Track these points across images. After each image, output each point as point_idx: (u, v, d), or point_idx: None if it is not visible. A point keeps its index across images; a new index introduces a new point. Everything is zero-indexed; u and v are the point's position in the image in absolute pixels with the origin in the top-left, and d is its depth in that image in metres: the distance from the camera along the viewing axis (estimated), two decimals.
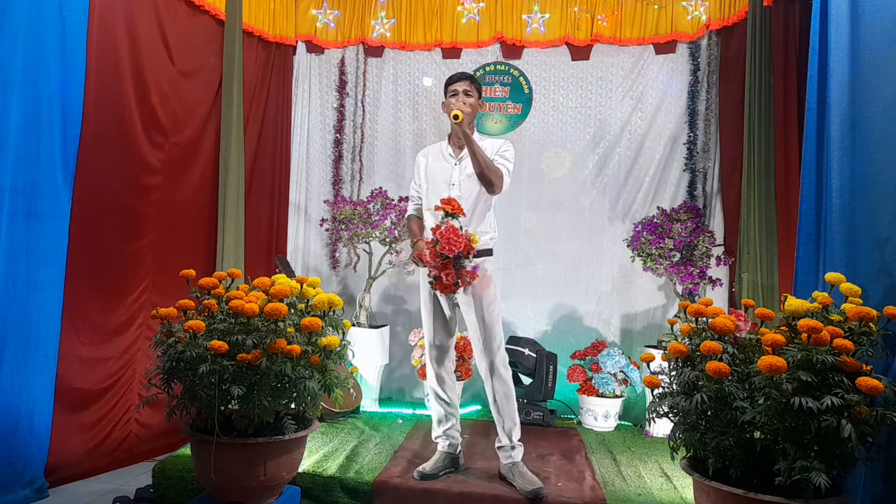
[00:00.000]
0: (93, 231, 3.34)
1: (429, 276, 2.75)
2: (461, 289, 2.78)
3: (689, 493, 2.82)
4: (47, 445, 3.06)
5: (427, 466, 3.02)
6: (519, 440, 3.03)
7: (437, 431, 3.16)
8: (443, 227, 2.69)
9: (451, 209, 2.73)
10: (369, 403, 4.36)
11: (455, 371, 4.20)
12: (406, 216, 3.34)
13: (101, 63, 3.35)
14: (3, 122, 2.82)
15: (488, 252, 3.08)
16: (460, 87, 3.04)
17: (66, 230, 3.14)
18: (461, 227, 2.71)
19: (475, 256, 2.82)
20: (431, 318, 3.11)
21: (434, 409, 3.18)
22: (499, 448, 3.04)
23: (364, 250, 4.62)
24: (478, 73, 4.77)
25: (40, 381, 3.03)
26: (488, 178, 2.91)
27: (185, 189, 4.00)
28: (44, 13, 2.97)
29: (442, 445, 3.13)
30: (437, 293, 2.90)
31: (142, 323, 3.67)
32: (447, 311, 3.09)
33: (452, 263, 2.67)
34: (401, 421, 4.06)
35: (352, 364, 4.08)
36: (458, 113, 2.84)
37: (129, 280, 3.61)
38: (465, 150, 2.99)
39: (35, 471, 3.00)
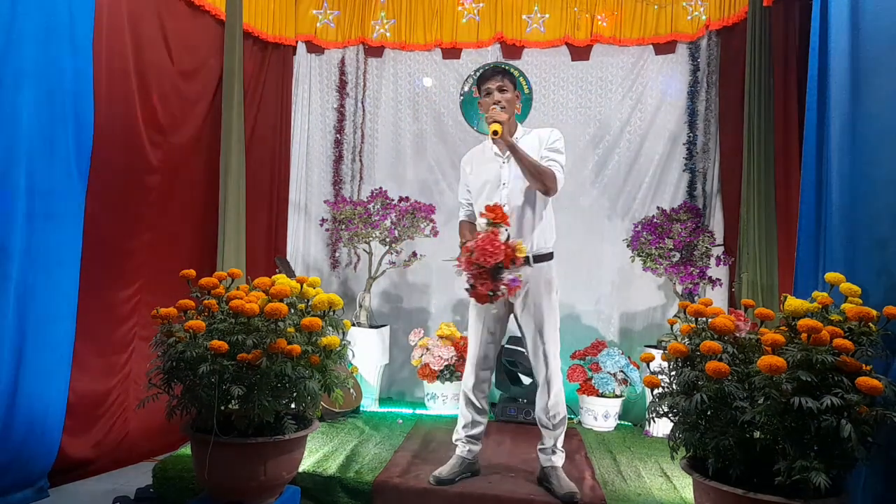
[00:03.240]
0: (103, 231, 3.34)
1: (466, 282, 2.58)
2: (500, 299, 2.61)
3: (688, 493, 2.82)
4: (57, 447, 3.06)
5: (444, 471, 2.92)
6: (562, 447, 2.98)
7: (459, 434, 3.03)
8: (481, 236, 2.52)
9: (493, 217, 2.55)
10: (369, 403, 4.36)
11: (456, 371, 4.23)
12: (459, 221, 3.15)
13: (109, 64, 3.36)
14: (17, 123, 2.83)
15: (548, 256, 2.95)
16: (493, 84, 2.87)
17: (81, 230, 3.15)
18: (507, 236, 2.54)
19: (536, 262, 2.80)
20: (480, 325, 2.95)
21: (462, 413, 3.03)
22: (541, 449, 2.98)
23: (364, 250, 4.62)
24: (477, 74, 4.77)
25: (55, 384, 3.04)
26: (541, 182, 2.75)
27: (183, 189, 3.99)
28: (55, 16, 2.98)
29: (461, 450, 3.01)
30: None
31: (136, 322, 3.65)
32: (492, 325, 2.95)
33: (489, 273, 2.50)
34: (401, 421, 4.06)
35: (352, 364, 4.07)
36: (497, 128, 2.66)
37: (127, 280, 3.61)
38: None
39: (39, 471, 2.99)
